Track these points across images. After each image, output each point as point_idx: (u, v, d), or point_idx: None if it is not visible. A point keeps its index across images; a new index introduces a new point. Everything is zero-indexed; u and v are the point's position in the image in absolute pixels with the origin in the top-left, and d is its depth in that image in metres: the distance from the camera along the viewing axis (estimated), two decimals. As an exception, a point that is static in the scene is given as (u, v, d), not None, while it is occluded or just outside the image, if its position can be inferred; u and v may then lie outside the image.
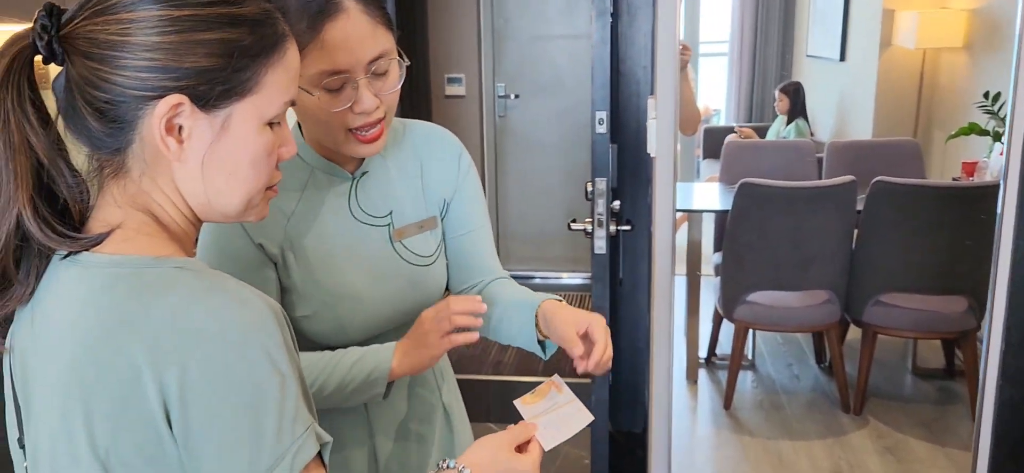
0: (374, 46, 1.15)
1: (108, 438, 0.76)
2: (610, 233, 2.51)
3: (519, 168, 5.33)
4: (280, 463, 0.75)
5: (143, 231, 0.81)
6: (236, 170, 0.83)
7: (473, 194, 1.40)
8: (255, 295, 0.78)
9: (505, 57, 5.24)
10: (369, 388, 1.22)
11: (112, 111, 0.78)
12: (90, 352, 0.76)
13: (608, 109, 2.43)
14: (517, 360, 4.11)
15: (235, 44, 0.79)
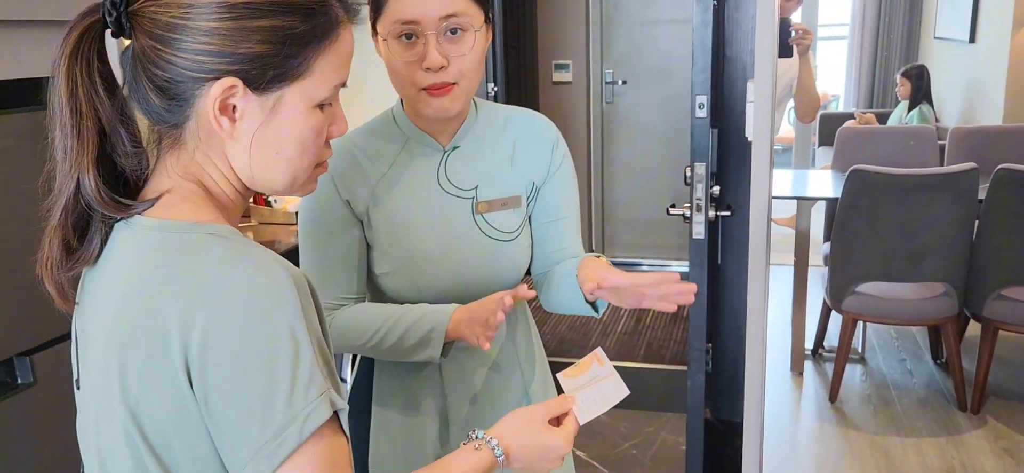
0: (449, 5, 1.22)
1: (138, 391, 0.80)
2: (709, 218, 2.50)
3: (626, 154, 5.32)
4: (291, 425, 0.77)
5: (188, 199, 0.86)
6: (283, 150, 0.87)
7: (565, 182, 1.45)
8: (278, 264, 0.82)
9: (614, 42, 5.23)
10: (425, 346, 1.29)
11: (171, 89, 0.83)
12: (128, 308, 0.81)
13: (709, 93, 2.42)
14: (618, 345, 4.12)
15: (287, 31, 0.83)
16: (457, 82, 1.26)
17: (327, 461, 0.80)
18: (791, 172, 4.81)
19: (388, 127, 1.38)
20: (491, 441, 1.00)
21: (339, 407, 0.82)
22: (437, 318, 1.30)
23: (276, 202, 2.81)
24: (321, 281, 1.36)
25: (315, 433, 0.79)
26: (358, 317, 1.34)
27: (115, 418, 0.82)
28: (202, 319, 0.77)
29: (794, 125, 6.42)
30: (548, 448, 1.03)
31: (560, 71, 5.16)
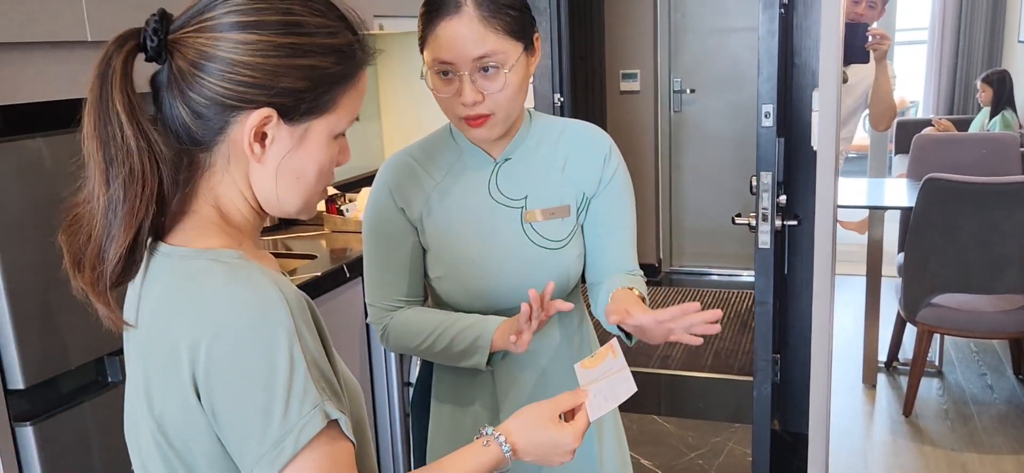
0: (479, 47, 1.28)
1: (160, 402, 0.87)
2: (775, 228, 2.48)
3: (694, 163, 5.28)
4: (287, 436, 0.83)
5: (202, 224, 0.92)
6: (304, 176, 0.93)
7: (618, 194, 1.47)
8: (273, 286, 0.86)
9: (682, 51, 5.21)
10: (473, 353, 1.37)
11: (207, 113, 0.88)
12: (149, 326, 0.89)
13: (775, 102, 2.41)
14: (684, 355, 4.10)
15: (324, 71, 0.90)
16: (493, 113, 1.32)
17: (327, 464, 0.86)
18: (866, 180, 4.70)
19: (444, 140, 1.45)
20: (499, 437, 1.04)
21: (334, 417, 0.86)
22: (484, 327, 1.37)
23: (348, 211, 2.90)
24: (379, 283, 1.44)
25: (312, 441, 0.85)
26: (412, 322, 1.42)
27: (147, 426, 0.90)
28: (205, 340, 0.83)
29: (870, 132, 6.28)
30: (557, 443, 1.05)
31: (628, 80, 5.16)
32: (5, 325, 1.49)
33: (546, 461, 1.07)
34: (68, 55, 1.64)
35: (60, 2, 1.61)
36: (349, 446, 0.90)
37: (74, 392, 1.66)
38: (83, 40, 1.66)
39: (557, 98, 3.42)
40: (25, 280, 1.52)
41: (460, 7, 1.27)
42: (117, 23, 1.71)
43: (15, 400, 1.53)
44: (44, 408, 1.58)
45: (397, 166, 1.44)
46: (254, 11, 0.87)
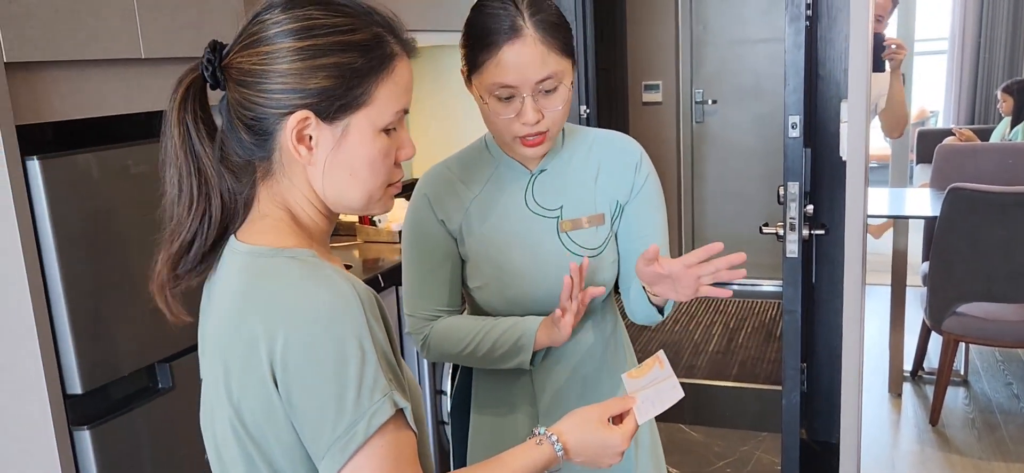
0: (543, 69, 1.32)
1: (238, 392, 0.93)
2: (802, 237, 2.51)
3: (716, 174, 5.31)
4: (359, 422, 0.89)
5: (275, 226, 0.98)
6: (356, 171, 0.97)
7: (649, 201, 1.51)
8: (346, 282, 0.92)
9: (704, 63, 5.25)
10: (516, 353, 1.40)
11: (257, 126, 0.95)
12: (227, 320, 0.94)
13: (802, 113, 2.44)
14: (710, 365, 4.12)
15: (348, 66, 0.94)
16: (549, 130, 1.37)
17: (394, 451, 0.92)
18: (887, 190, 4.71)
19: (480, 154, 1.49)
20: (552, 437, 1.07)
21: (401, 405, 0.92)
22: (526, 326, 1.41)
23: (380, 222, 2.96)
24: (419, 294, 1.48)
25: (381, 428, 0.90)
26: (453, 329, 1.45)
27: (224, 414, 0.95)
28: (282, 333, 0.89)
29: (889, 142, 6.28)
30: (607, 445, 1.09)
31: (650, 91, 5.20)
32: (65, 333, 1.55)
33: (595, 462, 1.11)
34: (123, 72, 1.71)
35: (117, 22, 1.67)
36: (412, 436, 0.95)
37: (127, 398, 1.71)
38: (138, 58, 1.72)
39: (583, 109, 3.47)
40: (82, 290, 1.58)
41: (520, 31, 1.30)
42: (168, 41, 1.78)
43: (73, 405, 1.59)
44: (100, 413, 1.64)
45: (436, 179, 1.48)
46: (275, 23, 0.94)
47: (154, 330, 1.73)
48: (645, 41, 5.16)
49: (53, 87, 1.57)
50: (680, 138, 5.25)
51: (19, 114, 1.49)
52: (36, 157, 1.51)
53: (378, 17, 0.99)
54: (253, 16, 0.97)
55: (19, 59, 1.49)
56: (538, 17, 1.32)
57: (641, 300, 1.43)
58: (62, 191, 1.54)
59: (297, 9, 0.94)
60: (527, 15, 1.31)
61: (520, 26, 1.30)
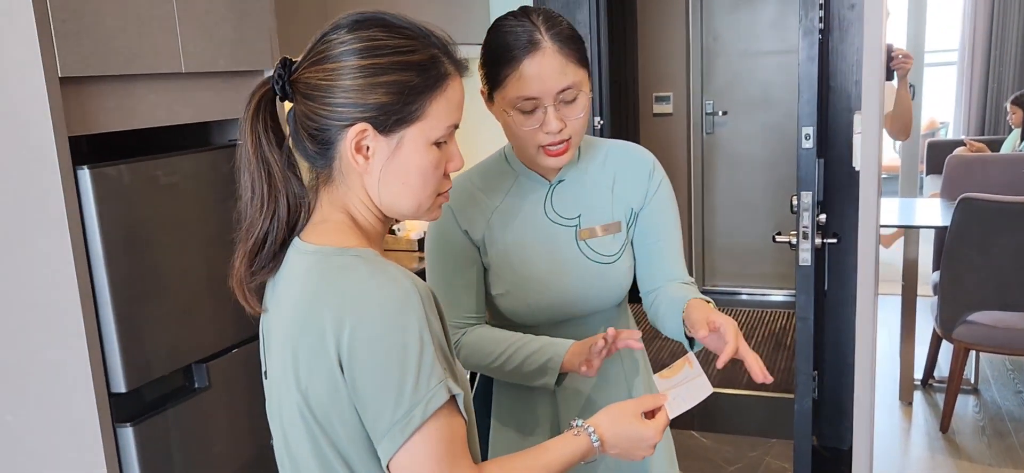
0: (563, 79, 1.38)
1: (306, 378, 1.01)
2: (815, 246, 2.57)
3: (727, 184, 5.37)
4: (417, 405, 0.97)
5: (338, 227, 1.07)
6: (408, 180, 1.06)
7: (663, 206, 1.57)
8: (408, 278, 1.00)
9: (714, 74, 5.31)
10: (543, 373, 1.44)
11: (321, 135, 1.04)
12: (296, 314, 1.03)
13: (815, 125, 2.50)
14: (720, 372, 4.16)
15: (406, 84, 1.02)
16: (572, 137, 1.43)
17: (447, 435, 1.00)
18: (898, 200, 4.77)
19: (501, 166, 1.55)
20: (589, 429, 1.14)
21: (456, 392, 1.00)
22: (554, 350, 1.44)
23: (399, 231, 3.03)
24: (447, 302, 1.51)
25: (436, 412, 0.98)
26: (484, 340, 1.49)
27: (292, 399, 1.04)
28: (349, 323, 0.97)
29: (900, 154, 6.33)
30: (641, 437, 1.16)
31: (661, 103, 5.27)
32: (111, 333, 1.63)
33: (629, 454, 1.17)
34: (166, 86, 1.79)
35: (159, 39, 1.75)
36: (463, 423, 1.03)
37: (166, 396, 1.79)
38: (179, 72, 1.80)
39: (598, 121, 3.54)
40: (126, 293, 1.65)
41: (539, 45, 1.37)
42: (208, 56, 1.86)
43: (117, 402, 1.66)
44: (141, 410, 1.72)
45: (458, 191, 1.52)
46: (341, 43, 1.02)
47: (191, 332, 1.80)
48: (656, 53, 5.23)
49: (102, 100, 1.65)
50: (690, 149, 5.32)
51: (71, 126, 1.57)
52: (86, 166, 1.58)
53: (435, 39, 1.07)
54: (321, 35, 1.06)
55: (73, 74, 1.57)
56: (555, 31, 1.39)
57: (676, 328, 1.45)
58: (110, 199, 1.62)
59: (362, 31, 1.03)
60: (544, 30, 1.38)
61: (539, 40, 1.37)
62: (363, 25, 1.04)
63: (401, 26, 1.05)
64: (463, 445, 1.03)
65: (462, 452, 1.02)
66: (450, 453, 1.00)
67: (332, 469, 1.03)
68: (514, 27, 1.40)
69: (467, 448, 1.04)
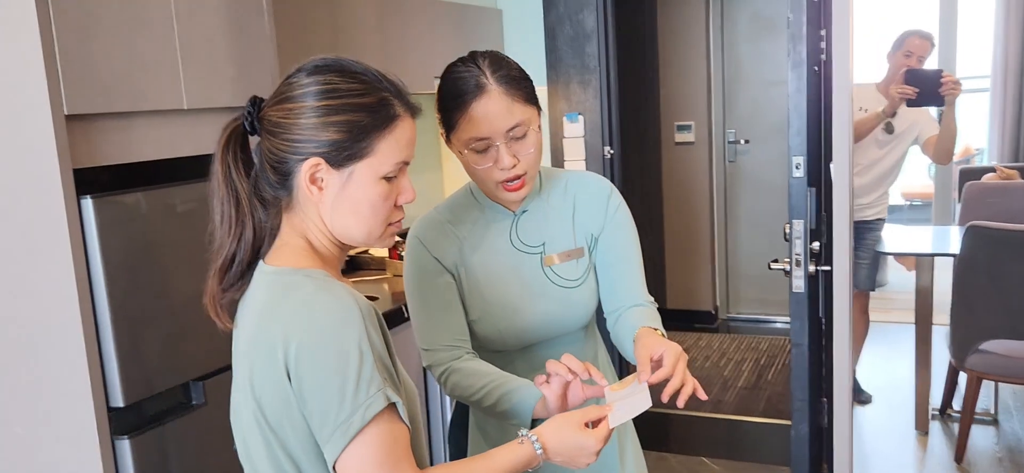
0: (511, 118, 1.48)
1: (260, 387, 1.12)
2: (809, 273, 2.61)
3: (749, 212, 5.38)
4: (357, 411, 1.06)
5: (295, 251, 1.17)
6: (358, 210, 1.16)
7: (621, 230, 1.64)
8: (350, 295, 1.10)
9: (736, 103, 5.35)
10: (516, 415, 1.43)
11: (281, 167, 1.15)
12: (253, 329, 1.14)
13: (805, 154, 2.55)
14: (738, 400, 4.18)
15: (356, 123, 1.13)
16: (526, 172, 1.52)
17: (388, 439, 1.09)
18: (930, 228, 4.73)
19: (467, 199, 1.63)
20: (532, 437, 1.22)
21: (394, 399, 1.09)
22: (526, 404, 1.42)
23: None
24: (433, 328, 1.57)
25: (375, 418, 1.08)
26: (470, 374, 1.52)
27: (249, 407, 1.14)
28: (295, 337, 1.08)
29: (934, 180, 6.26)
30: (582, 445, 1.22)
31: (682, 132, 5.32)
32: (110, 351, 1.75)
33: (573, 462, 1.24)
34: (169, 122, 1.92)
35: (163, 78, 1.89)
36: (405, 429, 1.12)
37: (163, 412, 1.90)
38: (181, 108, 1.93)
39: (607, 150, 3.61)
40: (126, 313, 1.78)
41: (485, 87, 1.47)
42: (210, 93, 2.00)
43: (115, 416, 1.78)
44: (138, 424, 1.83)
45: (427, 224, 1.61)
46: (301, 86, 1.14)
47: (189, 351, 1.92)
48: (677, 82, 5.29)
49: (106, 135, 1.79)
50: (713, 177, 5.34)
51: (76, 159, 1.70)
52: (90, 196, 1.72)
53: (387, 83, 1.18)
54: (286, 78, 1.18)
55: (78, 111, 1.70)
56: (500, 73, 1.49)
57: (627, 341, 1.53)
58: (111, 226, 1.75)
59: (320, 75, 1.15)
60: (489, 73, 1.48)
61: (484, 83, 1.47)
62: (322, 70, 1.15)
63: (356, 71, 1.16)
64: (405, 450, 1.12)
65: (404, 456, 1.11)
66: (392, 456, 1.09)
67: (283, 470, 1.13)
68: (462, 73, 1.49)
69: (410, 453, 1.13)
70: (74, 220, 1.70)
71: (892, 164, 3.88)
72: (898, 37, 3.84)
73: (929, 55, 3.86)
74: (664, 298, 5.49)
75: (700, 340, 5.15)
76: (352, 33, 2.89)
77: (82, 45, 1.71)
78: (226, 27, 2.05)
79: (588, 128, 3.61)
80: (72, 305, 1.70)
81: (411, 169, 1.23)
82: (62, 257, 1.69)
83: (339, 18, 2.82)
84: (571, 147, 3.64)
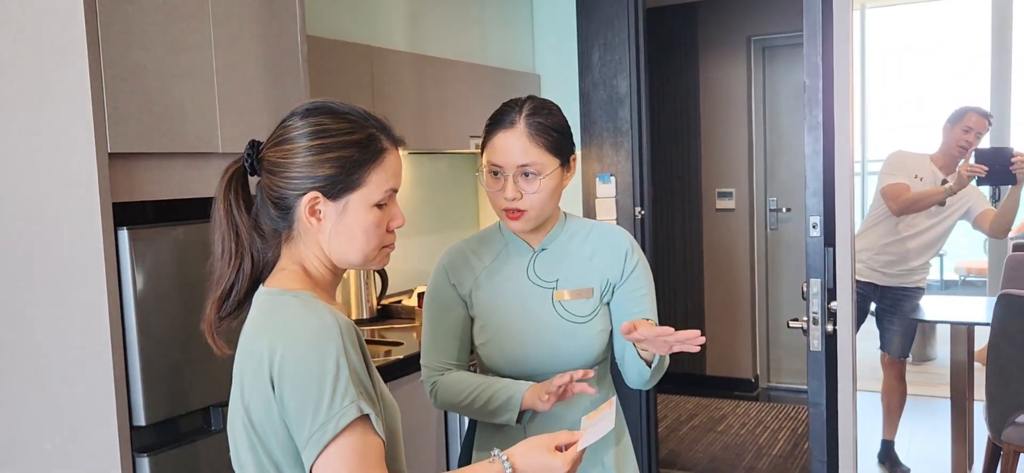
0: (524, 157, 1.63)
1: (248, 396, 1.22)
2: (826, 332, 2.61)
3: (791, 280, 5.34)
4: (331, 419, 1.15)
5: (290, 275, 1.28)
6: (354, 236, 1.27)
7: (639, 283, 1.76)
8: (330, 314, 1.20)
9: (779, 171, 5.37)
10: (505, 410, 1.63)
11: (281, 202, 1.27)
12: (246, 342, 1.25)
13: (821, 214, 2.58)
14: (770, 467, 4.12)
15: (348, 159, 1.25)
16: (527, 210, 1.65)
17: (360, 449, 1.18)
18: (974, 299, 4.64)
19: (494, 233, 1.79)
20: (502, 457, 1.29)
21: (366, 411, 1.17)
22: (516, 389, 1.64)
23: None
24: (432, 348, 1.75)
25: (348, 427, 1.16)
26: (457, 382, 1.71)
27: (238, 414, 1.25)
28: (279, 350, 1.19)
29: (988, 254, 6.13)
30: (550, 467, 1.29)
31: (723, 199, 5.35)
32: (136, 372, 1.87)
33: None
34: (205, 163, 2.07)
35: (201, 124, 2.05)
36: (379, 442, 1.20)
37: (184, 434, 2.01)
38: (216, 151, 2.09)
39: (638, 211, 3.68)
40: (153, 339, 1.90)
41: (514, 124, 1.64)
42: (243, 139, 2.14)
43: (137, 434, 1.90)
44: (159, 444, 1.94)
45: (453, 252, 1.79)
46: (295, 128, 1.27)
47: (210, 377, 2.03)
48: (719, 148, 5.34)
49: (145, 173, 1.95)
50: (754, 244, 5.34)
51: (116, 193, 1.86)
52: (126, 227, 1.86)
53: (373, 121, 1.31)
54: (281, 122, 1.31)
55: (120, 150, 1.86)
56: (533, 118, 1.65)
57: (634, 362, 1.66)
58: (145, 256, 1.89)
59: (312, 117, 1.28)
60: (524, 114, 1.65)
61: (516, 120, 1.64)
62: (313, 113, 1.28)
63: (344, 112, 1.29)
64: (379, 461, 1.20)
65: (376, 466, 1.19)
66: (363, 464, 1.18)
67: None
68: (507, 107, 1.68)
69: (383, 463, 1.21)
70: (110, 249, 1.84)
71: (939, 235, 3.85)
72: (956, 111, 3.84)
73: (986, 132, 3.86)
74: (703, 364, 5.46)
75: (738, 407, 5.10)
76: (389, 90, 3.05)
77: (129, 90, 1.88)
78: (263, 76, 2.21)
79: (620, 189, 3.70)
80: (103, 327, 1.84)
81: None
82: (97, 282, 1.83)
83: (377, 75, 2.99)
84: (603, 207, 3.72)
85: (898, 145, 3.99)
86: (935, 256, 3.92)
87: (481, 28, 3.77)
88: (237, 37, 2.14)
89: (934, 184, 3.74)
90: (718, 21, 5.27)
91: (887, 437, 3.98)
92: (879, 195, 3.84)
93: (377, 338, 3.05)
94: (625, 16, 3.63)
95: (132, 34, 1.89)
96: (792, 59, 5.23)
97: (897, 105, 7.68)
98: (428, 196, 3.73)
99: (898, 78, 7.82)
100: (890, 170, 3.82)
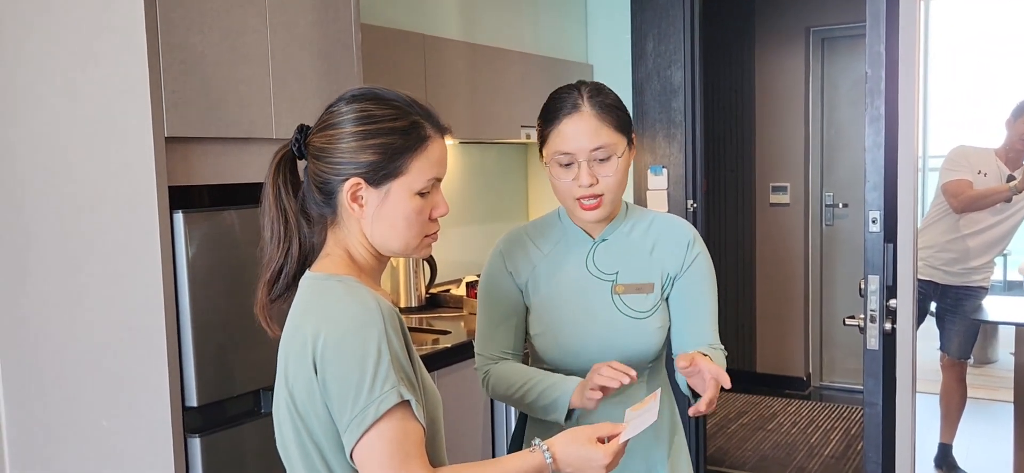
0: (597, 139, 1.57)
1: (292, 378, 1.23)
2: (884, 330, 2.54)
3: (846, 278, 5.22)
4: (372, 404, 1.15)
5: (335, 260, 1.28)
6: (395, 223, 1.27)
7: (700, 276, 1.70)
8: (373, 300, 1.20)
9: (835, 166, 5.24)
10: (553, 409, 1.58)
11: (325, 187, 1.27)
12: (291, 326, 1.26)
13: (882, 209, 2.51)
14: (822, 469, 4.03)
15: (391, 145, 1.24)
16: (604, 194, 1.60)
17: (400, 435, 1.18)
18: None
19: (553, 221, 1.74)
20: (543, 446, 1.28)
21: (406, 397, 1.17)
22: (563, 389, 1.58)
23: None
24: (487, 337, 1.71)
25: (388, 413, 1.16)
26: (509, 373, 1.67)
27: (283, 397, 1.26)
28: (323, 333, 1.19)
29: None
30: (591, 458, 1.27)
31: (777, 193, 5.24)
32: (189, 353, 1.90)
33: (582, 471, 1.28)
34: (259, 148, 2.09)
35: (255, 109, 2.07)
36: (419, 427, 1.20)
37: (234, 416, 2.04)
38: (270, 137, 2.10)
39: (690, 203, 3.63)
40: (206, 321, 1.93)
41: (578, 108, 1.59)
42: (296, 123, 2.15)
43: (189, 415, 1.93)
44: (210, 425, 1.97)
45: (511, 239, 1.75)
46: (340, 114, 1.27)
47: (261, 360, 2.05)
48: (775, 142, 5.23)
49: (201, 158, 1.97)
50: (809, 240, 5.23)
51: (172, 177, 1.88)
52: (181, 210, 1.89)
53: (417, 108, 1.30)
54: (327, 108, 1.31)
55: (177, 135, 1.89)
56: (596, 99, 1.60)
57: (684, 384, 1.60)
58: (199, 239, 1.91)
59: (357, 103, 1.27)
60: (586, 96, 1.60)
61: (579, 104, 1.59)
62: (358, 99, 1.28)
63: (389, 99, 1.28)
64: (418, 447, 1.19)
65: (415, 453, 1.19)
66: (402, 450, 1.17)
67: (309, 456, 1.24)
68: (562, 94, 1.63)
69: (422, 450, 1.20)
70: (165, 231, 1.87)
71: (1003, 234, 3.72)
72: (1020, 104, 3.69)
73: None
74: (754, 362, 5.37)
75: (789, 405, 5.00)
76: (442, 79, 3.05)
77: (186, 76, 1.90)
78: (317, 64, 2.22)
79: (672, 181, 3.65)
80: (158, 308, 1.87)
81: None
82: (152, 263, 1.86)
83: (430, 63, 2.98)
84: (654, 199, 3.67)
85: (960, 140, 3.86)
86: (999, 255, 3.79)
87: (534, 17, 3.74)
88: (293, 24, 2.15)
89: (998, 180, 3.61)
90: (776, 11, 5.16)
91: (945, 441, 3.86)
92: (940, 191, 3.72)
93: (425, 326, 3.05)
94: (680, 5, 3.57)
95: (190, 19, 1.91)
96: (852, 51, 5.10)
97: (959, 99, 7.44)
98: (478, 186, 3.72)
99: (961, 71, 7.58)
100: (952, 166, 3.69)
